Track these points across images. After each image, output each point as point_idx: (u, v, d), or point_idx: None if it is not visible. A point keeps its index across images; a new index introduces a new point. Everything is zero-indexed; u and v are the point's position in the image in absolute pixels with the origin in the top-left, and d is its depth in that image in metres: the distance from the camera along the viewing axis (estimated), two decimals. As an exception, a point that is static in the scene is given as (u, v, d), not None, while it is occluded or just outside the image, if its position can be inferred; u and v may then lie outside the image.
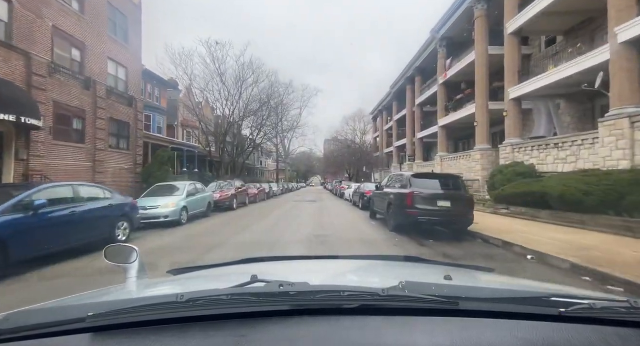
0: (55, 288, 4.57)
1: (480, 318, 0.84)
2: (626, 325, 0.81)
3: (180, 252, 7.02)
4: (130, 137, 17.13)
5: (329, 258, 2.24)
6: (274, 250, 6.64)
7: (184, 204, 10.73)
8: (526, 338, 0.76)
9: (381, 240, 7.93)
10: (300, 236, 8.39)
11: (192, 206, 11.30)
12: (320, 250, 6.65)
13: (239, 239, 8.23)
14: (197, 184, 12.92)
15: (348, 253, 5.87)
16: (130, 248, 1.52)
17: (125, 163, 16.67)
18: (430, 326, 0.82)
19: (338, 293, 0.86)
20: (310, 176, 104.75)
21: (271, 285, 0.91)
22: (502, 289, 1.19)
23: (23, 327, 0.81)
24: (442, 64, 23.23)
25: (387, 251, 6.45)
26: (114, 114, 15.82)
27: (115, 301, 1.02)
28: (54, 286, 4.67)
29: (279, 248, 6.92)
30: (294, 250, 6.60)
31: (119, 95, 16.36)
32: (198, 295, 0.84)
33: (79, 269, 5.42)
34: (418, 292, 0.86)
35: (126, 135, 16.95)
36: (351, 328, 0.80)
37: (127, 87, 17.08)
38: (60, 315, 0.85)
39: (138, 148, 17.70)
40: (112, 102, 15.71)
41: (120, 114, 16.34)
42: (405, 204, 7.87)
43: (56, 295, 1.29)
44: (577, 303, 0.85)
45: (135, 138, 17.49)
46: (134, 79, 17.65)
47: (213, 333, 0.79)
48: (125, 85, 17.03)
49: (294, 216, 13.50)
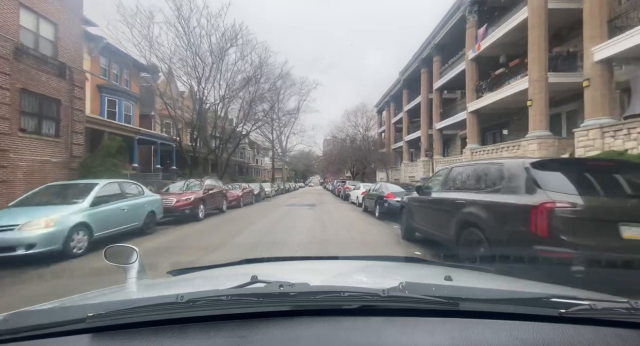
0: (55, 288, 4.40)
1: (481, 319, 0.83)
2: (626, 325, 0.81)
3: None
4: (61, 120, 12.49)
5: (329, 259, 2.25)
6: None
7: (80, 220, 6.11)
8: (526, 338, 0.75)
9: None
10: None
11: (104, 221, 6.73)
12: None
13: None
14: (126, 184, 8.24)
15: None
16: (130, 248, 1.52)
17: (52, 155, 12.06)
18: (430, 327, 0.81)
19: (338, 294, 0.86)
20: (310, 175, 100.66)
21: (271, 285, 0.91)
22: (503, 290, 1.18)
23: (23, 328, 0.81)
24: (472, 34, 18.64)
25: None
26: (29, 84, 11.20)
27: (115, 301, 1.00)
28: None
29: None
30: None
31: (41, 60, 11.74)
32: (198, 296, 0.84)
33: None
34: (418, 293, 0.86)
35: (54, 116, 12.31)
36: (351, 328, 0.80)
37: (56, 51, 12.45)
38: (60, 316, 0.85)
39: (75, 135, 13.07)
40: (26, 66, 11.10)
41: (43, 86, 11.72)
42: (529, 233, 3.30)
43: (56, 295, 1.29)
44: (577, 304, 0.84)
45: (71, 121, 12.86)
46: (70, 41, 13.01)
47: (213, 333, 0.79)
48: (54, 49, 12.40)
49: (284, 231, 8.94)
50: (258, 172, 59.34)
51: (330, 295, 0.86)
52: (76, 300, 1.18)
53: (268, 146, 49.83)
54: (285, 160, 61.71)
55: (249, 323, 0.81)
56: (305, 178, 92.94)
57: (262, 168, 59.89)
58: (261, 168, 60.09)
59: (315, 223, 10.77)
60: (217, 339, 0.77)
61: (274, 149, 48.34)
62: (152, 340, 0.77)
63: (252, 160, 58.15)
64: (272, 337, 0.77)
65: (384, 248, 6.57)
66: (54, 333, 0.80)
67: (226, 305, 0.83)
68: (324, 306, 0.85)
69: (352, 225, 10.30)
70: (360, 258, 2.41)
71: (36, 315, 0.88)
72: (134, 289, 1.38)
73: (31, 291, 4.29)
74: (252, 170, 55.65)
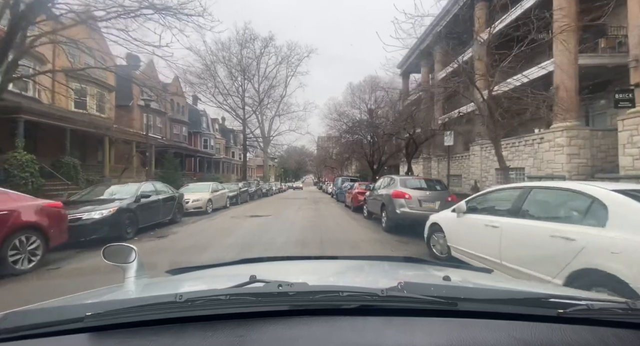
0: (54, 287, 4.48)
1: (479, 319, 0.83)
2: (624, 326, 0.81)
3: None
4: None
5: (328, 259, 2.21)
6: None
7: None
8: (524, 339, 0.75)
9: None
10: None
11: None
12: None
13: None
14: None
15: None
16: (129, 247, 1.51)
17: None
18: (429, 327, 0.81)
19: (337, 294, 0.85)
20: (303, 174, 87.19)
21: (270, 285, 0.90)
22: (501, 290, 1.17)
23: (21, 327, 0.81)
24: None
25: None
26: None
27: (114, 301, 1.01)
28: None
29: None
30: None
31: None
32: (196, 295, 0.83)
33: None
34: (417, 293, 0.86)
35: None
36: (350, 328, 0.80)
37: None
38: (58, 315, 0.84)
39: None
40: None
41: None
42: None
43: (55, 294, 1.30)
44: (575, 304, 0.84)
45: None
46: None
47: (211, 333, 0.78)
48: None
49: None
50: (233, 169, 45.79)
51: (329, 294, 0.86)
52: (74, 299, 1.16)
53: (243, 131, 36.51)
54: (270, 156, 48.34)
55: (247, 322, 0.81)
56: (297, 177, 79.26)
57: (237, 164, 46.05)
58: (237, 164, 46.36)
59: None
60: (215, 338, 0.76)
61: (245, 133, 35.09)
62: (150, 339, 0.77)
63: (226, 153, 44.59)
64: (271, 337, 0.76)
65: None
66: (52, 332, 0.80)
67: (225, 304, 0.82)
68: (322, 306, 0.85)
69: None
70: (359, 258, 2.59)
71: (34, 313, 0.88)
72: (133, 288, 1.37)
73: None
74: (223, 166, 42.04)
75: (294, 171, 79.57)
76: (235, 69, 33.77)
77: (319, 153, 52.55)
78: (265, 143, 41.52)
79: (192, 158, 31.44)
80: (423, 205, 8.15)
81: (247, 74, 34.22)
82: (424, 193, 8.48)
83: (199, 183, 15.00)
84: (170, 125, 29.68)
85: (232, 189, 18.18)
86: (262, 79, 37.20)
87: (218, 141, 41.22)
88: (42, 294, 3.91)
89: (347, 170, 41.14)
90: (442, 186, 9.35)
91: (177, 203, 10.64)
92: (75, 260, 5.68)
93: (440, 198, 8.30)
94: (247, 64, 34.07)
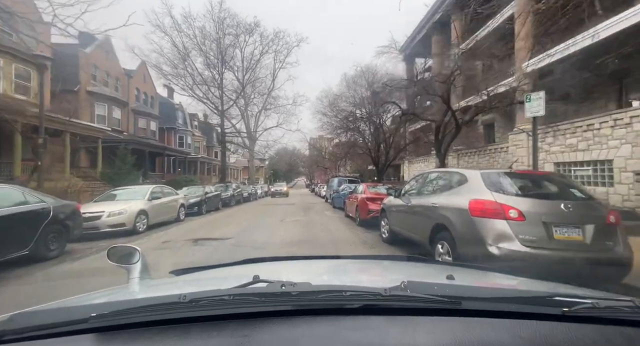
0: (59, 288, 4.41)
1: (483, 318, 0.82)
2: (630, 324, 0.79)
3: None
4: None
5: (331, 258, 2.12)
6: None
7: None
8: (529, 337, 0.74)
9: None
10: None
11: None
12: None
13: None
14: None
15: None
16: (133, 248, 1.51)
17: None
18: (432, 326, 0.80)
19: (340, 293, 0.84)
20: (295, 176, 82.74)
21: (273, 285, 0.89)
22: (505, 288, 1.17)
23: (27, 328, 0.80)
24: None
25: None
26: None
27: (118, 301, 0.97)
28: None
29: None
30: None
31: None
32: (200, 296, 0.82)
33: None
34: (420, 292, 0.84)
35: None
36: (353, 328, 0.79)
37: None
38: (63, 316, 0.83)
39: None
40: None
41: None
42: None
43: (60, 295, 1.27)
44: (580, 303, 0.83)
45: None
46: None
47: (215, 333, 0.78)
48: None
49: None
50: (214, 170, 41.27)
51: (332, 294, 0.85)
52: (79, 300, 1.15)
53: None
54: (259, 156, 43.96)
55: (251, 322, 0.81)
56: (289, 179, 74.70)
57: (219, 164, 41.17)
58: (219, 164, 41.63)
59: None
60: (219, 339, 0.76)
61: (223, 127, 30.61)
62: (155, 339, 0.77)
63: (208, 152, 40.08)
64: (275, 336, 0.76)
65: None
66: (57, 333, 0.80)
67: (229, 304, 0.82)
68: (326, 306, 0.85)
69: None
70: (362, 258, 2.62)
71: (40, 314, 0.87)
72: (137, 289, 1.36)
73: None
74: (203, 167, 37.50)
75: (285, 173, 74.97)
76: (211, 53, 29.34)
77: (311, 153, 48.16)
78: (251, 141, 37.08)
79: (161, 157, 26.87)
80: (557, 234, 3.58)
81: (225, 59, 29.77)
82: (551, 206, 3.82)
83: (131, 187, 10.58)
84: (135, 118, 25.14)
85: (194, 194, 13.83)
86: (247, 70, 32.81)
87: (197, 139, 36.61)
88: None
89: (341, 170, 36.84)
90: (582, 191, 4.39)
91: (57, 222, 6.07)
92: None
93: (592, 217, 3.75)
94: (225, 48, 29.61)
